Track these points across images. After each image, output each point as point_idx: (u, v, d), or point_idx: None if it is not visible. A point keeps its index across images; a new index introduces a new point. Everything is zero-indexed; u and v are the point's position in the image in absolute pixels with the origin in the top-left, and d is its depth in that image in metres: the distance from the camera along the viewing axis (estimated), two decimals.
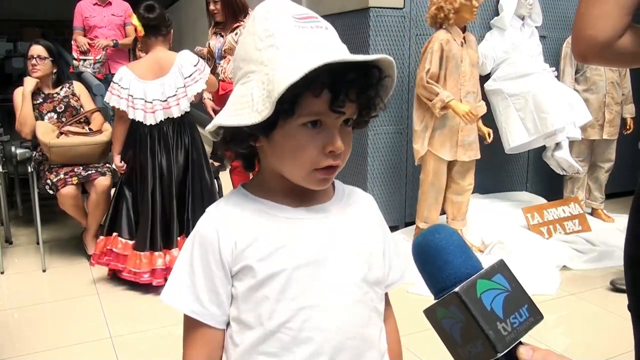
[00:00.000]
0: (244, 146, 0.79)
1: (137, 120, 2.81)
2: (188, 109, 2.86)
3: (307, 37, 0.73)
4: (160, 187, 2.84)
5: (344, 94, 0.72)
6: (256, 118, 0.72)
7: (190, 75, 2.80)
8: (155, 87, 2.79)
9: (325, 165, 0.77)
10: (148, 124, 2.81)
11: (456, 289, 0.56)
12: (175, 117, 2.82)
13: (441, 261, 0.60)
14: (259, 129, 0.74)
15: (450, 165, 3.13)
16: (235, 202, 0.83)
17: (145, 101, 2.78)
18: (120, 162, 2.93)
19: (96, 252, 2.92)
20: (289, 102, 0.71)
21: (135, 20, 2.86)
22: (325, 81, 0.71)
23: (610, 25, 0.98)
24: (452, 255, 0.60)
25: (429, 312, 0.60)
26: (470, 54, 3.03)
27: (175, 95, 2.79)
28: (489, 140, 3.18)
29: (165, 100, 2.78)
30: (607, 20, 0.98)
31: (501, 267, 0.60)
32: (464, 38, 3.01)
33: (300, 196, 0.82)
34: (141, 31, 2.85)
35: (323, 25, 0.76)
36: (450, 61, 2.95)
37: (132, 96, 2.78)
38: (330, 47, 0.75)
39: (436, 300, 0.59)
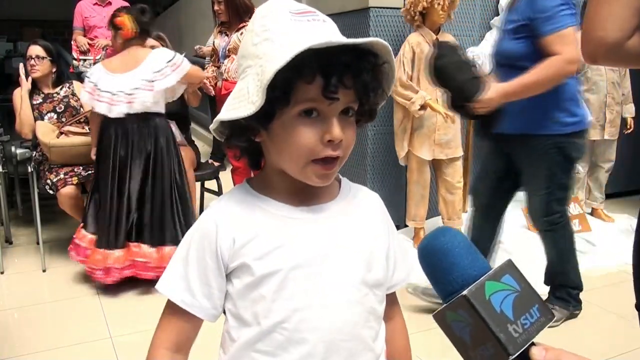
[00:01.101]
0: (244, 139, 0.79)
1: (100, 113, 2.78)
2: (150, 107, 2.78)
3: (302, 29, 0.73)
4: (118, 187, 2.79)
5: (336, 79, 0.71)
6: (251, 109, 0.71)
7: (160, 71, 2.76)
8: (124, 79, 2.76)
9: (324, 156, 0.75)
10: (112, 116, 2.76)
11: (464, 292, 0.55)
12: (138, 111, 2.76)
13: (447, 264, 0.59)
14: (256, 121, 0.74)
15: (439, 163, 3.18)
16: (238, 198, 0.83)
17: (112, 94, 2.76)
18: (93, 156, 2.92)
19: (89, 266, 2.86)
20: (281, 89, 0.70)
21: (127, 19, 2.80)
22: (316, 67, 0.70)
23: (619, 27, 0.98)
24: (458, 257, 0.59)
25: (439, 317, 0.58)
26: None
27: (139, 88, 2.74)
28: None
29: (130, 94, 2.74)
30: (616, 22, 0.98)
31: (509, 267, 0.59)
32: (436, 39, 3.03)
33: (303, 195, 0.82)
34: (135, 31, 2.80)
35: (320, 18, 0.76)
36: (423, 63, 2.97)
37: (99, 89, 2.77)
38: (323, 36, 0.73)
39: (445, 304, 0.58)
